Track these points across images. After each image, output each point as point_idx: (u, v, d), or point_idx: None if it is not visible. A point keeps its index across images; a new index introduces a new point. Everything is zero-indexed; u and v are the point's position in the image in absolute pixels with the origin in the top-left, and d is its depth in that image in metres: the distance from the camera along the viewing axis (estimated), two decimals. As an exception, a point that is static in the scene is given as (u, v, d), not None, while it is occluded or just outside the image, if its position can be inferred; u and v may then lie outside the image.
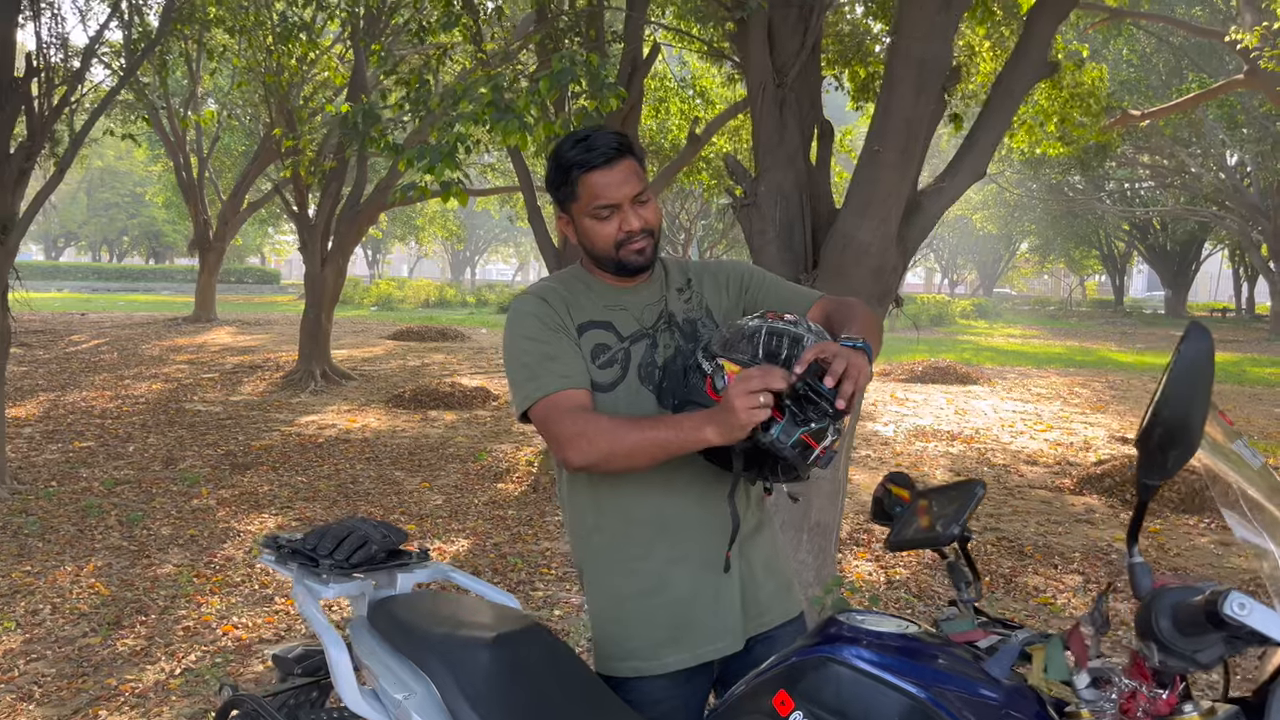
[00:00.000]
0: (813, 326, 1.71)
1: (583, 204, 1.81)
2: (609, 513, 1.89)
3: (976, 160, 4.19)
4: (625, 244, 1.82)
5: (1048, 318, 38.11)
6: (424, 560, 2.00)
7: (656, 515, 1.86)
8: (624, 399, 1.85)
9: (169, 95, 17.91)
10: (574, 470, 1.82)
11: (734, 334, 1.69)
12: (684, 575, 1.85)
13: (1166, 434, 1.03)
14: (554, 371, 1.79)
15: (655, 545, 1.86)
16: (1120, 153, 22.19)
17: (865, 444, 9.07)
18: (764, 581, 1.94)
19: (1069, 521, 6.39)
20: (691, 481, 1.85)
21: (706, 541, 1.85)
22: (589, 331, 1.87)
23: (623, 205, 1.80)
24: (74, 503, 6.33)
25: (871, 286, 4.01)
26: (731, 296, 1.99)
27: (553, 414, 1.77)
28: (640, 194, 1.82)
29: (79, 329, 19.11)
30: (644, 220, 1.82)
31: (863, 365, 1.55)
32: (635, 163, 1.83)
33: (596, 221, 1.81)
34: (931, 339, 23.70)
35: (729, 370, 1.64)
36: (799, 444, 1.57)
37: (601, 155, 1.78)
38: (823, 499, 4.20)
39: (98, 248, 55.61)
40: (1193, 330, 1.04)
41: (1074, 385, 14.09)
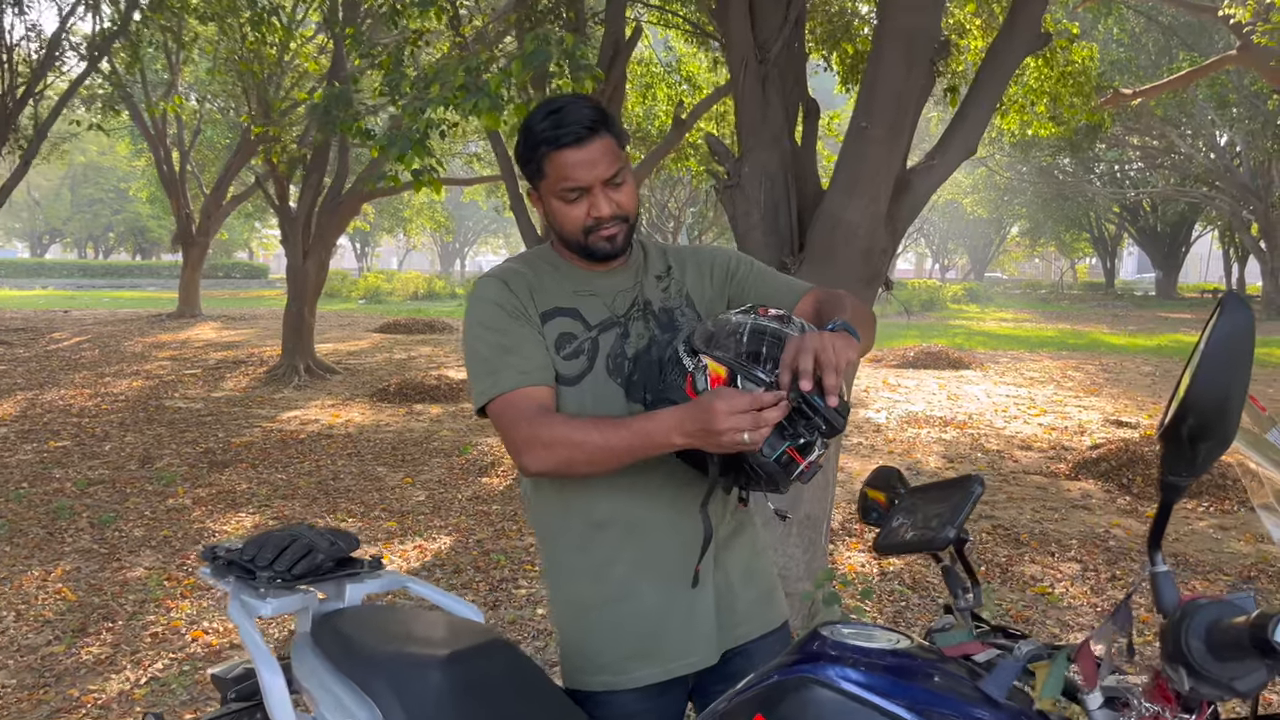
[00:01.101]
0: (804, 325, 1.57)
1: (551, 183, 1.65)
2: (574, 515, 1.74)
3: (967, 136, 4.03)
4: (594, 230, 1.66)
5: (1039, 301, 38.05)
6: (377, 569, 1.85)
7: (625, 519, 1.71)
8: (590, 392, 1.69)
9: (148, 87, 17.66)
10: (531, 476, 1.68)
11: (719, 328, 1.54)
12: (653, 584, 1.70)
13: (1199, 424, 0.88)
14: (512, 366, 1.64)
15: (623, 551, 1.71)
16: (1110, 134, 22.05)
17: (857, 431, 8.93)
18: (742, 590, 1.79)
19: (1065, 508, 6.26)
20: (664, 484, 1.69)
21: (679, 548, 1.69)
22: (554, 319, 1.71)
23: (593, 188, 1.63)
24: (45, 504, 6.15)
25: (860, 269, 3.85)
26: (715, 285, 1.83)
27: (508, 414, 1.62)
28: (614, 176, 1.64)
29: (61, 326, 18.87)
30: (616, 205, 1.65)
31: (843, 346, 1.40)
32: (611, 141, 1.65)
33: (564, 204, 1.65)
34: (923, 324, 23.58)
35: (713, 371, 1.48)
36: (783, 458, 1.43)
37: (572, 133, 1.60)
38: (812, 489, 4.05)
39: (83, 244, 55.17)
40: (1229, 302, 0.88)
41: (1067, 369, 13.98)
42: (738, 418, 1.37)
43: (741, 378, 1.46)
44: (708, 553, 1.67)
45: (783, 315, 1.56)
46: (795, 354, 1.40)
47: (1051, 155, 26.29)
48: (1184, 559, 5.20)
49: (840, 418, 1.40)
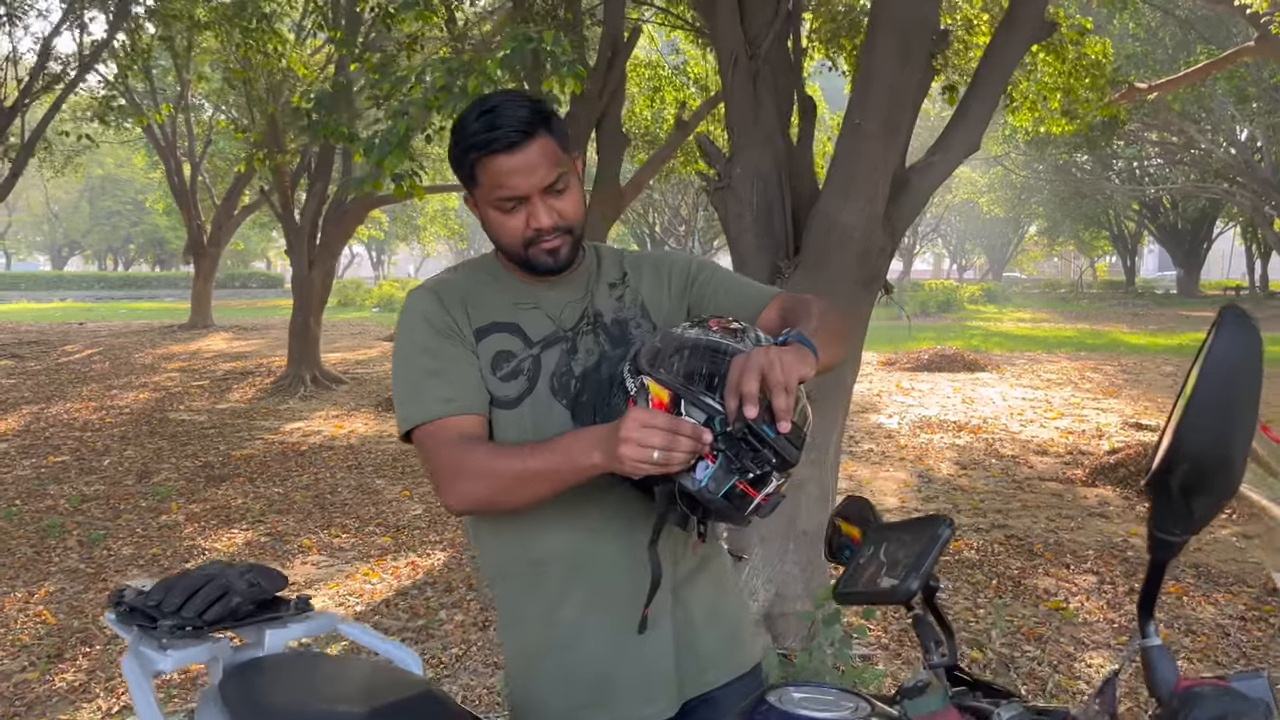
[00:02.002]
0: (760, 338, 1.39)
1: (485, 192, 1.48)
2: (517, 553, 1.58)
3: (969, 132, 3.85)
4: (535, 242, 1.49)
5: (1058, 300, 37.61)
6: (304, 611, 1.69)
7: (570, 556, 1.54)
8: (531, 416, 1.53)
9: (157, 99, 17.65)
10: (456, 514, 1.51)
11: (665, 344, 1.36)
12: (604, 626, 1.53)
13: (1194, 472, 0.71)
14: (435, 393, 1.48)
15: (570, 591, 1.54)
16: (1128, 130, 21.71)
17: (868, 437, 8.73)
18: (705, 631, 1.62)
19: (1081, 516, 6.04)
20: (612, 516, 1.52)
21: (631, 587, 1.52)
22: (491, 335, 1.54)
23: (531, 197, 1.46)
24: (35, 522, 6.04)
25: (857, 271, 3.68)
26: (673, 294, 1.65)
27: (430, 445, 1.46)
28: (555, 182, 1.47)
29: (75, 339, 18.89)
30: (558, 215, 1.48)
31: (793, 362, 1.23)
32: (552, 143, 1.47)
33: (501, 213, 1.48)
34: (939, 325, 23.30)
35: (654, 394, 1.31)
36: (733, 492, 1.26)
37: (504, 137, 1.43)
38: (810, 503, 3.87)
39: (103, 256, 55.53)
40: (1229, 318, 0.70)
41: (1085, 370, 13.71)
42: (647, 432, 1.22)
43: (685, 402, 1.29)
44: (661, 593, 1.51)
45: (737, 328, 1.39)
46: (739, 376, 1.23)
47: (1068, 153, 25.94)
48: (1205, 569, 4.98)
49: (793, 448, 1.23)
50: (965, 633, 4.16)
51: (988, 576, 4.91)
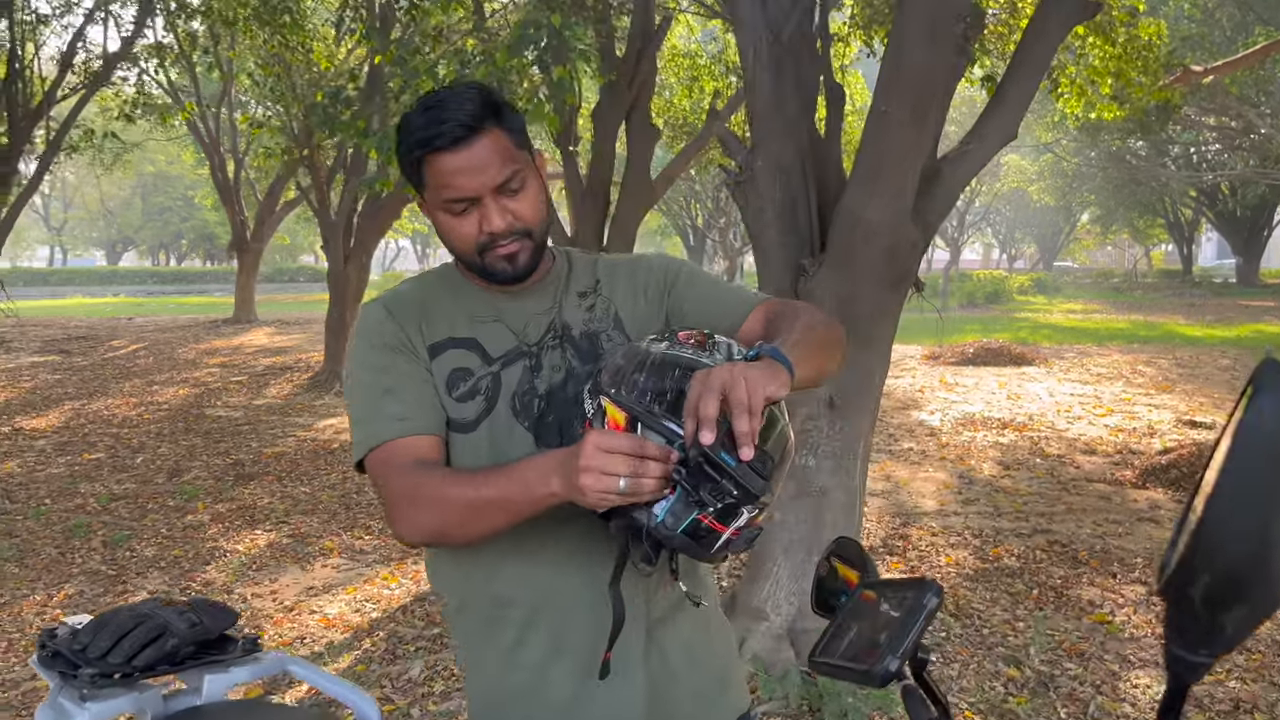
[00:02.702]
0: (732, 351, 1.22)
1: (433, 193, 1.34)
2: (475, 588, 1.44)
3: (1007, 118, 3.64)
4: (489, 248, 1.35)
5: (1111, 291, 36.72)
6: (252, 652, 1.55)
7: (531, 593, 1.40)
8: (489, 439, 1.38)
9: (201, 95, 17.79)
10: (408, 545, 1.37)
11: (628, 360, 1.20)
12: (567, 671, 1.39)
13: (1223, 578, 0.52)
14: (387, 412, 1.34)
15: (531, 632, 1.40)
16: (1184, 115, 21.03)
17: (909, 435, 8.48)
18: (684, 677, 1.46)
19: (1130, 520, 5.77)
20: (575, 548, 1.38)
21: (597, 628, 1.36)
22: (446, 352, 1.40)
23: (483, 198, 1.32)
24: (62, 522, 6.03)
25: (884, 269, 3.48)
26: (650, 302, 1.50)
27: (382, 471, 1.33)
28: (509, 181, 1.32)
29: (122, 334, 19.15)
30: (512, 217, 1.34)
31: (760, 380, 1.06)
32: (504, 137, 1.33)
33: (451, 216, 1.34)
34: (986, 317, 22.81)
35: (611, 417, 1.16)
36: (695, 528, 1.10)
37: (448, 133, 1.29)
38: (835, 511, 3.69)
39: (156, 252, 56.52)
40: (1269, 375, 0.52)
41: (1137, 363, 13.27)
42: (609, 459, 1.07)
43: (643, 426, 1.12)
44: (632, 635, 1.36)
45: (705, 340, 1.22)
46: (697, 396, 1.06)
47: (1121, 139, 25.22)
48: None
49: (757, 478, 1.06)
50: (1002, 648, 3.95)
51: (1028, 586, 4.68)
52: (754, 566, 3.81)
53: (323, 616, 4.51)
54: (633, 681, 1.39)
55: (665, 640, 1.45)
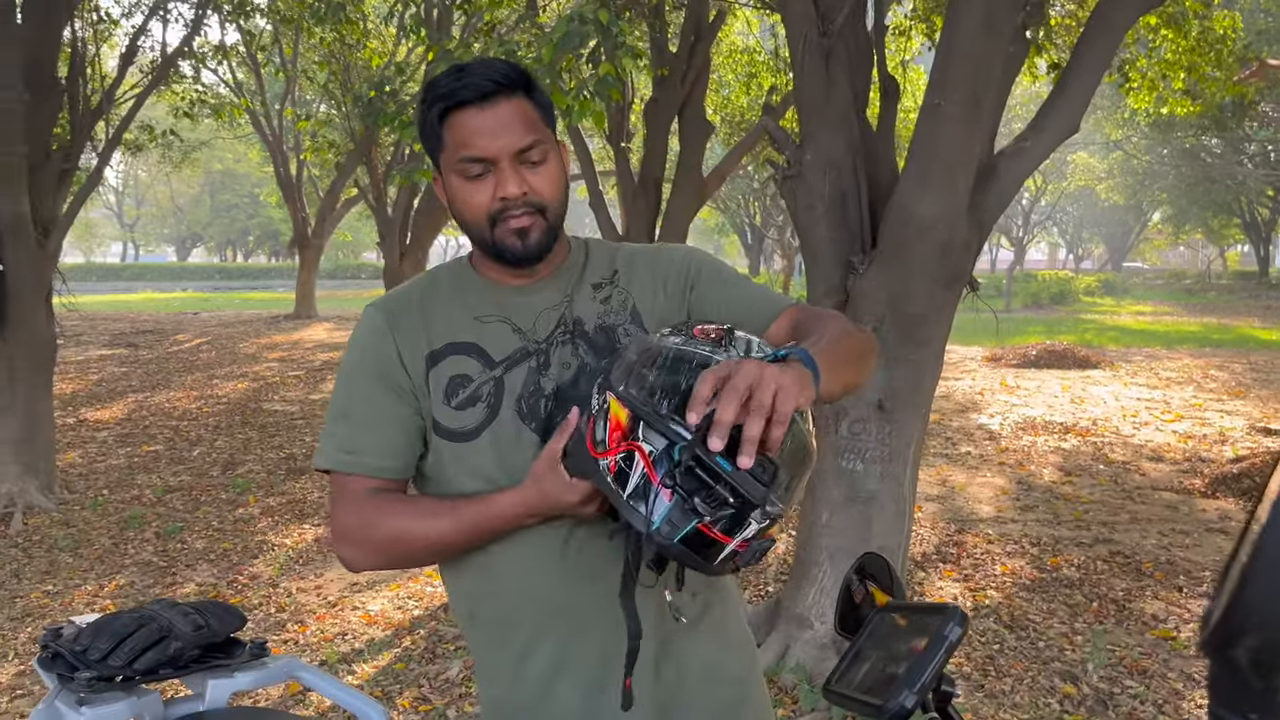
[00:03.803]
0: (752, 346, 1.13)
1: (449, 155, 1.29)
2: (487, 595, 1.38)
3: (1068, 112, 3.48)
4: (500, 218, 1.29)
5: (1183, 292, 35.68)
6: (259, 656, 1.51)
7: (541, 603, 1.34)
8: (494, 446, 1.32)
9: (263, 94, 18.11)
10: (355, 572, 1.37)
11: (641, 355, 1.12)
12: (573, 687, 1.33)
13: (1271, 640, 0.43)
14: (341, 439, 1.33)
15: (539, 644, 1.34)
16: (1261, 112, 20.31)
17: (967, 439, 8.27)
18: (701, 693, 1.38)
19: (1198, 531, 5.53)
20: (582, 561, 1.31)
21: (604, 642, 1.31)
22: (446, 359, 1.34)
23: (500, 162, 1.26)
24: (118, 513, 6.13)
25: (937, 268, 3.36)
26: (671, 297, 1.42)
27: (334, 493, 1.35)
28: (530, 149, 1.27)
29: (187, 328, 19.56)
30: (528, 187, 1.28)
31: (790, 386, 0.97)
32: (529, 106, 1.29)
33: (465, 181, 1.29)
34: (1051, 319, 22.28)
35: (614, 415, 1.08)
36: (696, 537, 1.01)
37: (474, 88, 1.25)
38: (884, 518, 3.57)
39: (223, 248, 57.81)
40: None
41: (1209, 368, 12.82)
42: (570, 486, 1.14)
43: (645, 425, 1.04)
44: (644, 651, 1.27)
45: (723, 336, 1.14)
46: (710, 390, 0.97)
47: (1195, 136, 24.49)
48: None
49: (756, 485, 0.96)
50: (1059, 662, 3.80)
51: (1088, 598, 4.50)
52: (798, 573, 3.71)
53: (365, 613, 4.50)
54: (642, 700, 1.31)
55: (682, 653, 1.38)
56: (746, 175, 22.55)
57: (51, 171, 6.17)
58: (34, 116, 5.91)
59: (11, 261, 5.80)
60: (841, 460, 3.54)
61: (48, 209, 6.16)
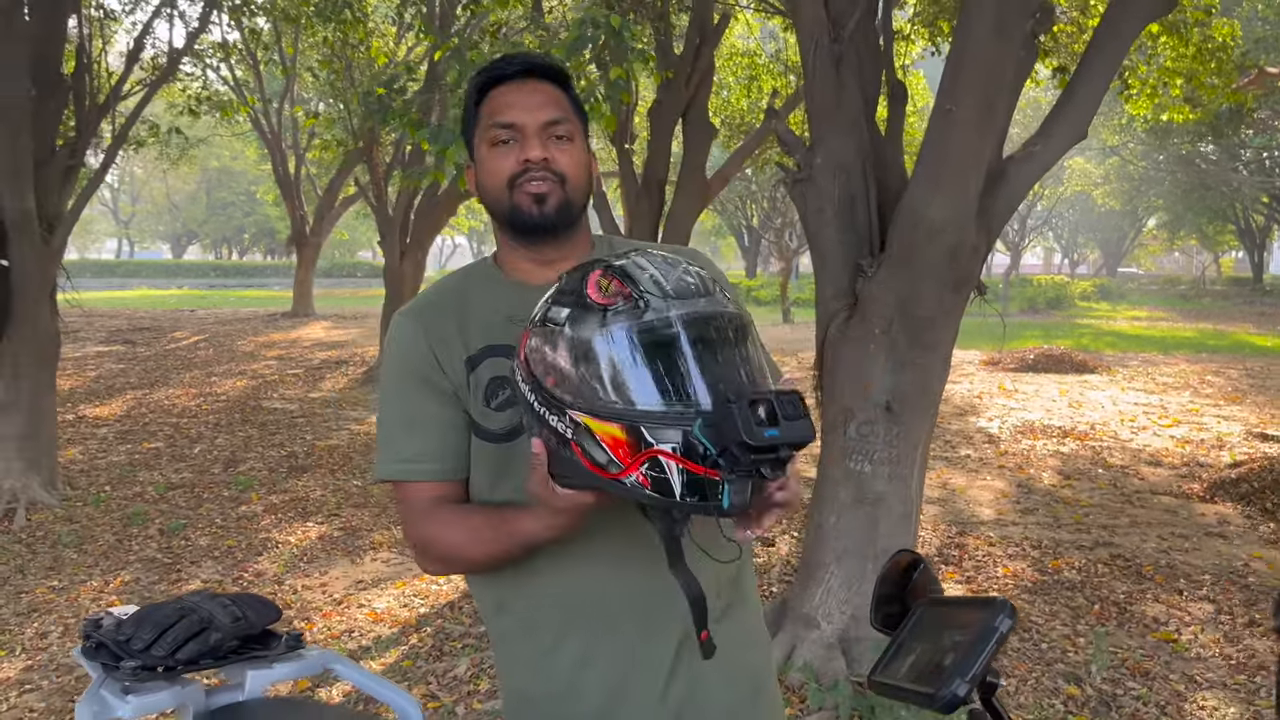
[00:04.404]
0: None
1: (483, 127, 1.37)
2: (515, 589, 1.41)
3: (1076, 118, 3.52)
4: (519, 181, 1.33)
5: (1178, 298, 35.81)
6: (295, 648, 1.53)
7: (567, 595, 1.36)
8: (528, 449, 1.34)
9: (263, 92, 18.11)
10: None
11: (564, 354, 1.09)
12: (598, 678, 1.36)
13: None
14: (399, 447, 1.37)
15: (567, 635, 1.37)
16: (1257, 119, 20.42)
17: (967, 442, 8.31)
18: (718, 692, 1.40)
19: (1198, 535, 5.57)
20: (611, 557, 1.33)
21: (629, 632, 1.34)
22: (486, 361, 1.37)
23: (527, 130, 1.33)
24: (121, 510, 6.14)
25: (946, 271, 3.39)
26: None
27: (400, 507, 1.41)
28: (557, 124, 1.34)
29: (185, 325, 19.54)
30: (550, 156, 1.33)
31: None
32: (563, 97, 1.38)
33: (493, 149, 1.35)
34: (1048, 324, 22.36)
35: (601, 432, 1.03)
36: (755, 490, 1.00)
37: (515, 67, 1.36)
38: (891, 520, 3.60)
39: (219, 245, 57.70)
40: None
41: (1205, 373, 12.89)
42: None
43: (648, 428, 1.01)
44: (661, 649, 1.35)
45: (626, 290, 1.09)
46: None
47: (1191, 142, 24.59)
48: None
49: (808, 425, 0.98)
50: (1062, 664, 3.83)
51: (1089, 600, 4.54)
52: (805, 573, 3.73)
53: (371, 611, 4.52)
54: (668, 688, 1.35)
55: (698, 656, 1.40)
56: (744, 178, 22.60)
57: (57, 168, 6.18)
58: (40, 113, 5.92)
59: (17, 258, 5.80)
60: (849, 462, 3.57)
61: (52, 205, 6.17)
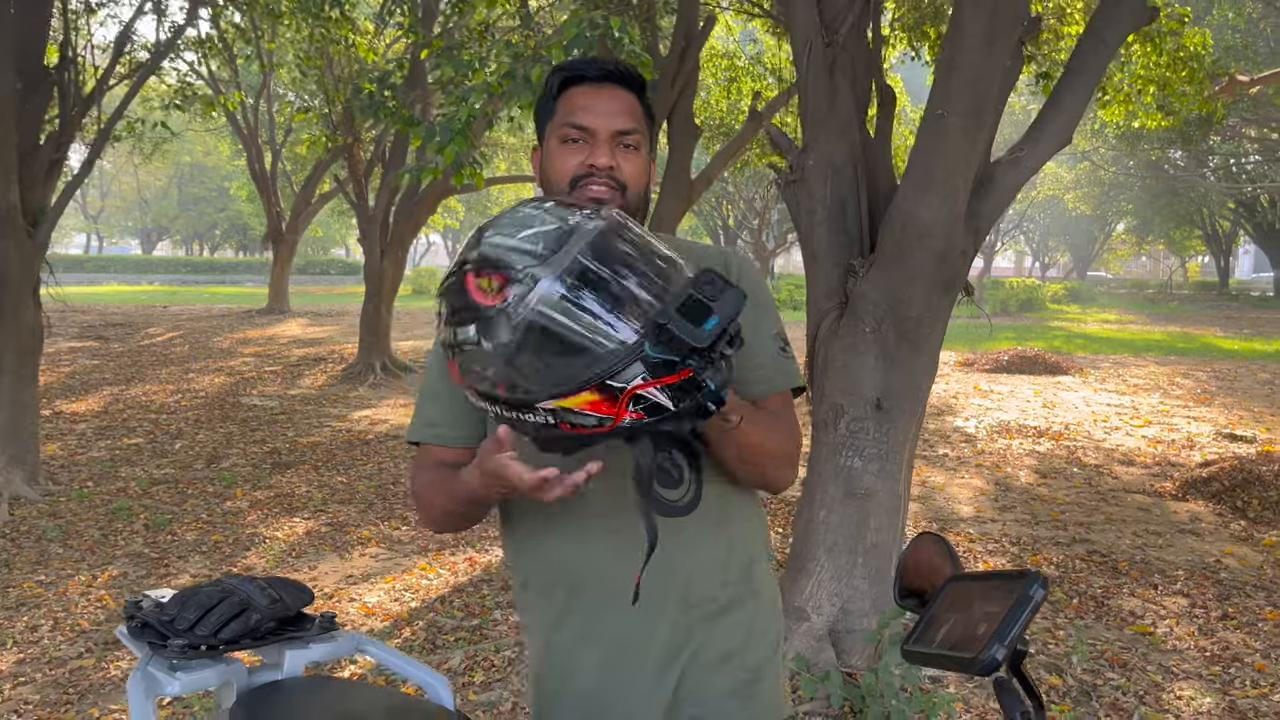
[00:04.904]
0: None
1: (556, 123, 1.42)
2: (533, 564, 1.48)
3: (1062, 124, 3.61)
4: (582, 183, 1.38)
5: (1146, 301, 36.33)
6: (329, 629, 1.58)
7: (568, 573, 1.43)
8: None
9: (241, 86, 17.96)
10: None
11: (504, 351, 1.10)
12: (595, 657, 1.41)
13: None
14: (424, 416, 1.49)
15: (570, 615, 1.43)
16: (1225, 126, 20.76)
17: (944, 441, 8.44)
18: (713, 677, 1.43)
19: (1171, 532, 5.71)
20: (604, 524, 1.38)
21: (624, 623, 1.38)
22: None
23: (598, 134, 1.38)
24: (105, 505, 6.12)
25: (935, 273, 3.47)
26: None
27: (414, 467, 1.51)
28: (628, 133, 1.39)
29: (158, 321, 19.37)
30: (616, 165, 1.38)
31: None
32: (636, 103, 1.42)
33: (562, 146, 1.40)
34: (1020, 325, 22.63)
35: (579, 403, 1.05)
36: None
37: (596, 69, 1.41)
38: (880, 514, 3.68)
39: (190, 241, 57.10)
40: None
41: (1175, 375, 13.13)
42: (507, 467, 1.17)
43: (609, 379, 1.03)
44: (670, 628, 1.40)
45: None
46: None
47: (1161, 149, 24.97)
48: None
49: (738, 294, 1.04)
50: (1043, 655, 3.93)
51: (1068, 595, 4.64)
52: (795, 567, 3.81)
53: (362, 604, 4.55)
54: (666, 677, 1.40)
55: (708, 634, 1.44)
56: (721, 179, 22.72)
57: (41, 162, 6.14)
58: (24, 107, 5.89)
59: (1, 252, 5.78)
60: (840, 458, 3.65)
61: (37, 200, 6.14)
